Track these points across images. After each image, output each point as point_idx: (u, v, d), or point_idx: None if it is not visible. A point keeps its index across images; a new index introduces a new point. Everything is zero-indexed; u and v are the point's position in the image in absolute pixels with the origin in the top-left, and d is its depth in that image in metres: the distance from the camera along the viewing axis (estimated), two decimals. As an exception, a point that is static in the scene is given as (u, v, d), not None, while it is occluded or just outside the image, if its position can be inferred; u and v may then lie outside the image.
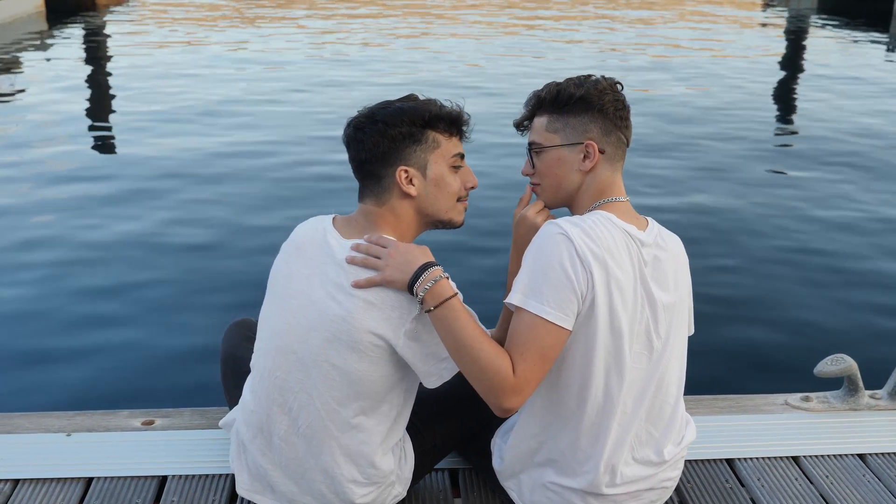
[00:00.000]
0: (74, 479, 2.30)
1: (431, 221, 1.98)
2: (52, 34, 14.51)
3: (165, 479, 2.31)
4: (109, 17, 16.75)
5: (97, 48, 13.40)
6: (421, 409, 2.18)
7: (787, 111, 10.04)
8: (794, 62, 13.73)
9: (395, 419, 1.98)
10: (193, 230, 5.58)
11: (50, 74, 10.85)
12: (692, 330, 2.09)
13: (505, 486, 2.12)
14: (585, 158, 1.92)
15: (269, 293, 2.02)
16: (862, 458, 2.46)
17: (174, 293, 4.67)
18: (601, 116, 1.91)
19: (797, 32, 16.96)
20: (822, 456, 2.46)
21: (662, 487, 2.05)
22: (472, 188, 2.00)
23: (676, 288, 1.94)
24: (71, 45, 13.56)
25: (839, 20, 17.83)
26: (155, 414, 2.60)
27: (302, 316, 1.89)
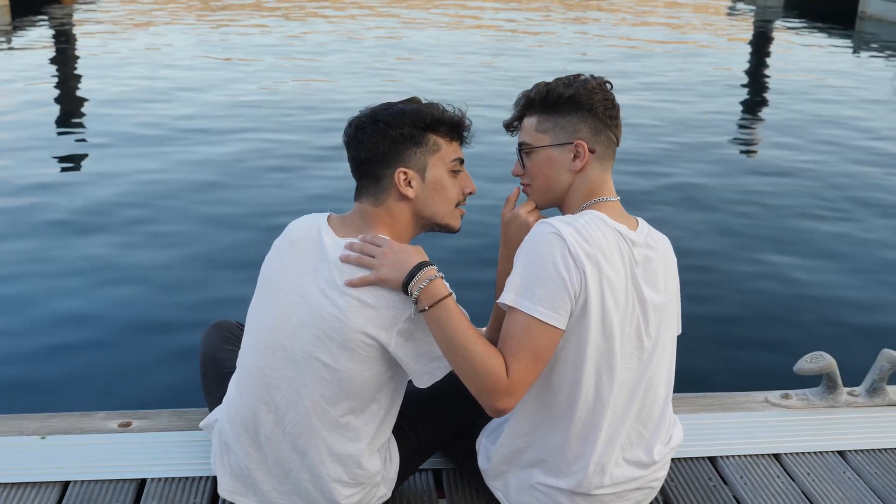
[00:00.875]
0: (50, 482, 2.25)
1: (428, 224, 1.97)
2: (16, 28, 14.25)
3: (144, 481, 2.27)
4: (76, 10, 16.49)
5: (63, 42, 13.19)
6: (406, 410, 2.16)
7: (752, 111, 10.14)
8: (758, 60, 13.86)
9: (382, 419, 1.96)
10: (168, 229, 5.51)
11: (12, 70, 10.66)
12: (679, 330, 2.09)
13: (491, 486, 2.11)
14: (576, 158, 1.91)
15: (259, 289, 2.00)
16: (842, 454, 2.48)
17: (147, 294, 4.61)
18: (591, 116, 1.90)
19: (763, 32, 17.13)
20: (803, 453, 2.47)
21: (649, 487, 2.06)
22: (470, 194, 2.00)
23: (666, 288, 1.94)
24: (36, 39, 13.32)
25: (804, 20, 18.02)
26: (132, 415, 2.55)
27: (293, 313, 1.87)
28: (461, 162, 1.97)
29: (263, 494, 1.97)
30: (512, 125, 2.02)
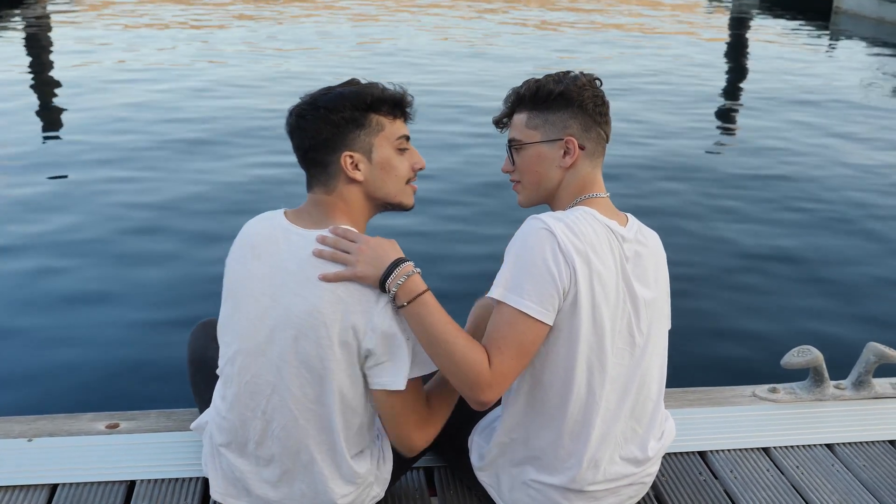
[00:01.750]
0: (38, 485, 2.23)
1: (381, 205, 1.94)
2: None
3: (134, 483, 2.26)
4: (51, 7, 16.31)
5: (38, 41, 13.05)
6: None
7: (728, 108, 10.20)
8: (736, 56, 13.93)
9: (372, 414, 1.95)
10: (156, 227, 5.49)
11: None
12: (669, 325, 2.10)
13: (483, 483, 2.11)
14: (566, 155, 1.91)
15: (227, 299, 1.95)
16: (830, 447, 2.50)
17: (132, 293, 4.58)
18: (581, 112, 1.90)
19: (739, 28, 17.21)
20: (791, 447, 2.49)
21: (642, 483, 2.06)
22: (420, 169, 1.96)
23: (657, 283, 1.95)
24: (9, 37, 13.18)
25: (781, 15, 18.13)
26: (119, 416, 2.53)
27: (266, 316, 1.84)
28: (407, 139, 1.94)
29: (257, 497, 1.96)
30: (501, 121, 2.02)
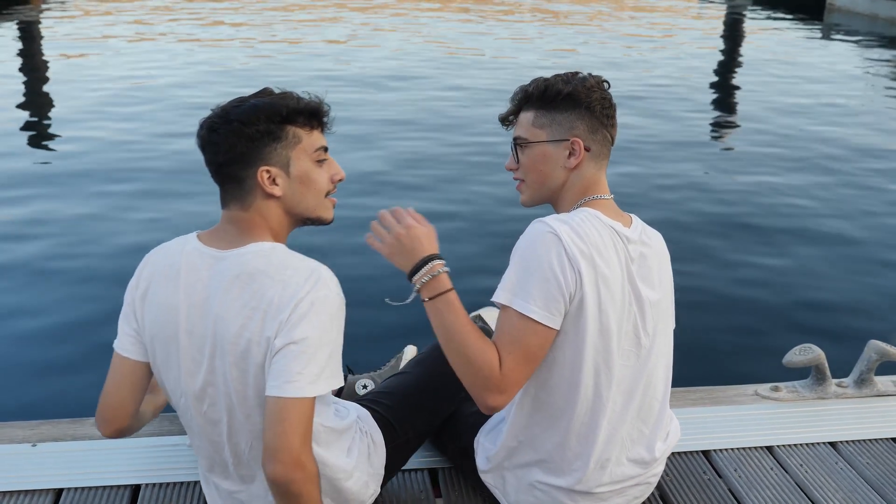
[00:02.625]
0: (43, 490, 2.23)
1: (300, 220, 1.87)
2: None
3: (139, 487, 2.26)
4: (44, 9, 16.24)
5: (30, 44, 13.00)
6: (393, 403, 2.16)
7: (725, 105, 10.21)
8: (730, 53, 13.95)
9: (333, 411, 1.94)
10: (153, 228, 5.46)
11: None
12: (673, 325, 2.10)
13: (489, 485, 2.11)
14: (571, 155, 1.91)
15: (155, 343, 1.82)
16: (833, 445, 2.51)
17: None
18: (588, 114, 1.90)
19: (733, 24, 17.24)
20: (795, 445, 2.50)
21: (647, 483, 2.07)
22: (339, 181, 1.89)
23: (661, 284, 1.95)
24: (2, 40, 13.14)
25: (774, 11, 18.16)
26: (123, 420, 2.52)
27: (204, 347, 1.76)
28: (325, 150, 1.87)
29: None
30: (508, 119, 2.01)
